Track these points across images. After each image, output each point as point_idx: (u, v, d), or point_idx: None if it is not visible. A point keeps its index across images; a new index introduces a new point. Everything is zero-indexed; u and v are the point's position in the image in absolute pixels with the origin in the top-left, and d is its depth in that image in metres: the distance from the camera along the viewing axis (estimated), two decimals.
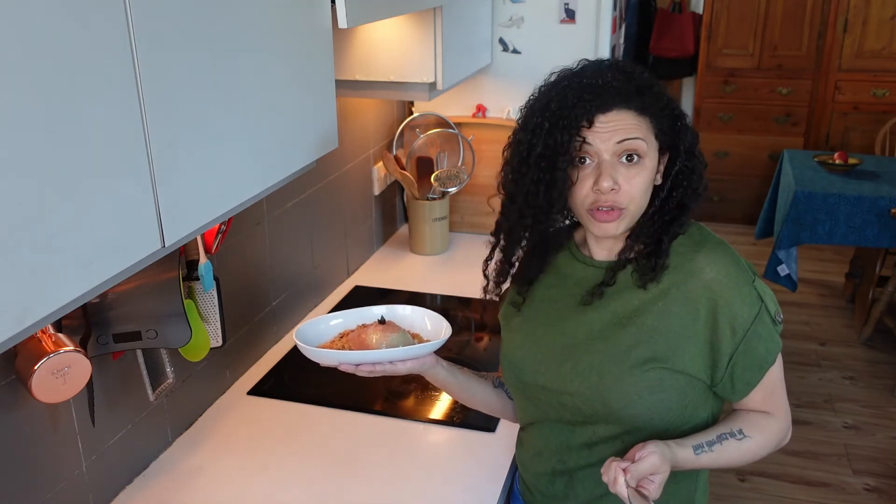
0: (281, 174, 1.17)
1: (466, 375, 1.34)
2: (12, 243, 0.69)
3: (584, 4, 2.37)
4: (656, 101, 1.12)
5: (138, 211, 0.86)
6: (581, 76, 1.12)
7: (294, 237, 1.98)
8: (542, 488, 1.28)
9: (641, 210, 1.14)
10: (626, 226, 1.14)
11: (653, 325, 1.13)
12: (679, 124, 1.15)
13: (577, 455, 1.22)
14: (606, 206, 1.10)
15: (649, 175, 1.12)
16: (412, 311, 1.32)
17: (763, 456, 1.21)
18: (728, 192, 5.11)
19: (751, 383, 1.15)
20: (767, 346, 1.14)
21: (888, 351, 3.64)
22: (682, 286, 1.13)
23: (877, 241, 3.31)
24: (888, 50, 4.58)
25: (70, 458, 1.27)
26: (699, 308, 1.12)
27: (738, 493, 2.76)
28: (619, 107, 1.09)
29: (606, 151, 1.09)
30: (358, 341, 1.21)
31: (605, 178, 1.08)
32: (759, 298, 1.13)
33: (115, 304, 1.27)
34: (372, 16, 1.40)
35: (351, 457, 1.50)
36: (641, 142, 1.09)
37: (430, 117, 2.51)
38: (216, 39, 0.97)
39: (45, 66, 0.71)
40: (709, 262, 1.13)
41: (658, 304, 1.14)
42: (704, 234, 1.19)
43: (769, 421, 1.19)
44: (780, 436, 1.22)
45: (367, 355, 1.18)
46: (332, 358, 1.18)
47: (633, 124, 1.09)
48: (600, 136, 1.09)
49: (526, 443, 1.31)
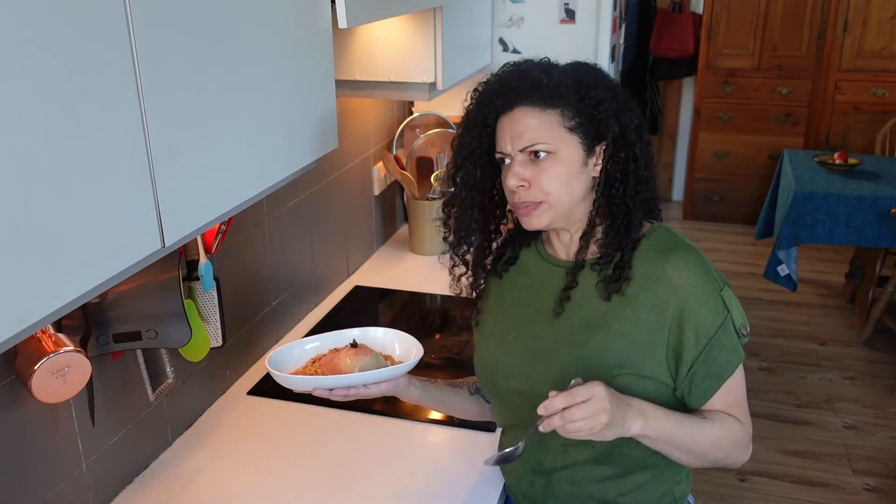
0: (281, 174, 1.17)
1: (440, 389, 1.34)
2: (12, 243, 0.69)
3: (584, 4, 2.37)
4: (556, 93, 1.12)
5: (138, 211, 0.86)
6: (489, 81, 1.19)
7: (294, 237, 1.98)
8: (523, 489, 1.29)
9: (572, 201, 1.15)
10: (552, 217, 1.16)
11: (621, 330, 1.14)
12: (598, 112, 1.13)
13: (553, 457, 1.22)
14: (522, 203, 1.15)
15: (566, 166, 1.13)
16: (384, 332, 1.32)
17: (722, 455, 1.16)
18: (728, 192, 5.11)
19: (707, 392, 1.15)
20: (729, 356, 1.13)
21: (888, 351, 3.64)
22: (650, 293, 1.14)
23: (877, 241, 3.31)
24: (888, 50, 4.58)
25: (70, 458, 1.27)
26: (666, 314, 1.12)
27: (738, 493, 2.76)
28: (520, 105, 1.13)
29: (514, 151, 1.14)
30: (330, 366, 1.21)
31: (510, 176, 1.14)
32: (726, 308, 1.13)
33: (115, 304, 1.27)
34: (372, 16, 1.40)
35: (351, 457, 1.50)
36: (542, 144, 1.12)
37: (430, 117, 2.51)
38: (216, 39, 0.97)
39: (44, 65, 0.71)
40: (677, 269, 1.13)
41: (626, 310, 1.14)
42: (674, 239, 1.18)
43: (734, 422, 1.16)
44: (741, 439, 1.17)
45: (341, 380, 1.17)
46: (306, 384, 1.18)
47: (534, 123, 1.12)
48: (506, 140, 1.14)
49: (506, 445, 1.32)
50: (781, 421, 3.16)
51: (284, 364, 1.25)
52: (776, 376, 3.47)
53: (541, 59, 1.20)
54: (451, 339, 1.90)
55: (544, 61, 1.20)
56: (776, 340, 3.74)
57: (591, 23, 2.39)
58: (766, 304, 4.04)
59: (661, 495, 1.23)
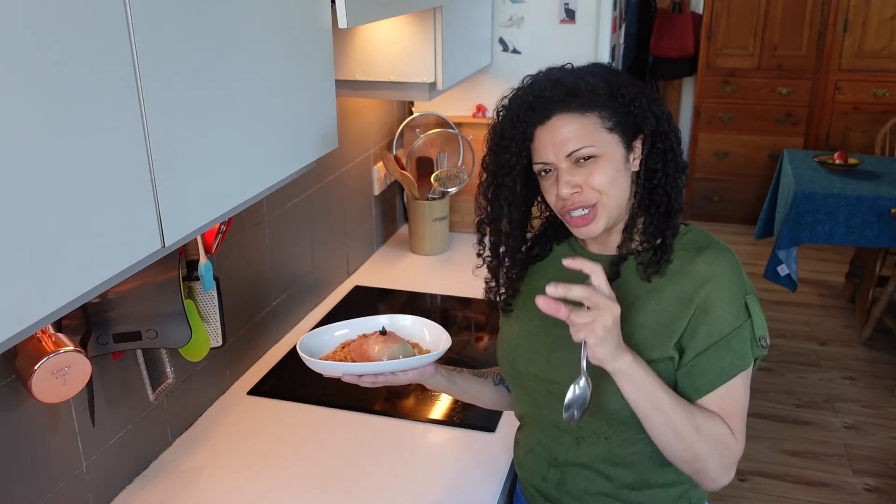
0: (281, 174, 1.17)
1: (465, 378, 1.35)
2: (12, 243, 0.69)
3: (584, 4, 2.37)
4: (593, 96, 1.13)
5: (138, 211, 0.86)
6: (517, 96, 1.18)
7: (294, 237, 1.98)
8: (536, 485, 1.29)
9: (621, 199, 1.16)
10: (607, 220, 1.16)
11: (642, 322, 1.15)
12: (633, 108, 1.15)
13: (567, 451, 1.23)
14: (575, 208, 1.14)
15: (612, 165, 1.13)
16: (412, 321, 1.33)
17: (701, 448, 1.10)
18: (728, 192, 5.11)
19: (700, 391, 1.12)
20: (735, 360, 1.11)
21: (888, 351, 3.64)
22: (677, 286, 1.14)
23: (877, 241, 3.31)
24: (888, 50, 4.58)
25: (70, 458, 1.27)
26: (690, 307, 1.13)
27: (738, 493, 2.76)
28: (557, 113, 1.13)
29: (558, 160, 1.13)
30: (360, 352, 1.22)
31: (563, 185, 1.13)
32: (748, 313, 1.13)
33: (115, 304, 1.27)
34: (372, 16, 1.40)
35: (351, 457, 1.50)
36: (588, 147, 1.12)
37: (430, 117, 2.51)
38: (216, 39, 0.97)
39: (44, 66, 0.71)
40: (708, 264, 1.14)
41: (651, 302, 1.15)
42: (709, 238, 1.20)
43: (726, 427, 1.12)
44: (726, 444, 1.11)
45: (370, 367, 1.19)
46: (337, 369, 1.20)
47: (575, 128, 1.12)
48: (549, 151, 1.13)
49: (521, 441, 1.33)
50: (781, 421, 3.16)
51: (314, 349, 1.26)
52: (776, 376, 3.47)
53: (563, 65, 1.21)
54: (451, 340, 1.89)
55: (570, 67, 1.20)
56: (776, 340, 3.74)
57: (591, 23, 2.39)
58: (766, 304, 4.03)
59: (676, 497, 1.23)
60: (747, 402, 1.16)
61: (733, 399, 1.13)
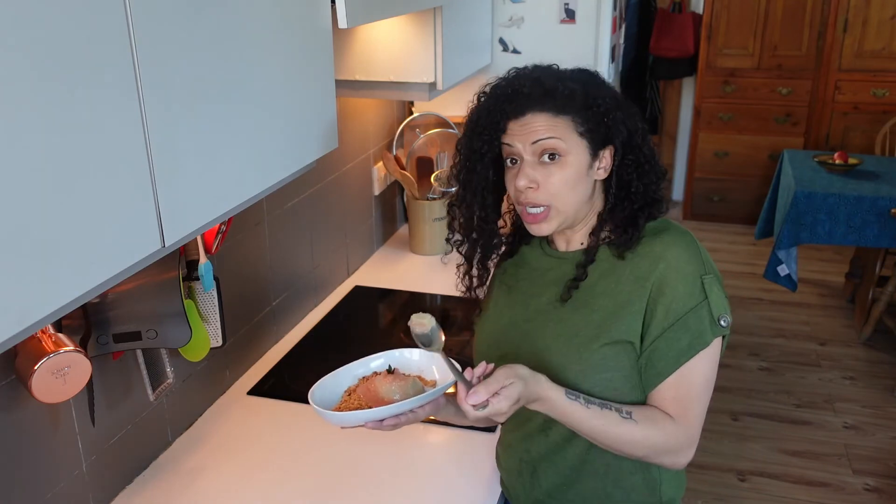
0: (281, 174, 1.17)
1: None
2: (12, 243, 0.69)
3: (584, 4, 2.37)
4: (569, 101, 1.15)
5: (138, 211, 0.86)
6: (499, 86, 1.21)
7: (294, 237, 1.98)
8: (513, 482, 1.32)
9: (577, 204, 1.18)
10: (559, 223, 1.19)
11: (603, 304, 1.17)
12: (608, 119, 1.17)
13: (538, 443, 1.25)
14: (529, 204, 1.17)
15: (574, 169, 1.16)
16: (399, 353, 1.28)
17: (642, 454, 1.14)
18: (728, 192, 5.11)
19: (662, 373, 1.13)
20: (692, 340, 1.12)
21: (888, 351, 3.64)
22: (634, 267, 1.17)
23: (877, 241, 3.31)
24: (888, 50, 4.58)
25: (70, 458, 1.27)
26: (647, 285, 1.15)
27: (738, 493, 2.76)
28: (532, 111, 1.16)
29: (525, 152, 1.16)
30: (371, 395, 1.17)
31: (521, 177, 1.16)
32: (704, 293, 1.13)
33: (115, 304, 1.27)
34: (372, 16, 1.40)
35: (350, 457, 1.50)
36: (556, 140, 1.14)
37: (430, 117, 2.51)
38: (216, 39, 0.97)
39: (44, 65, 0.71)
40: (664, 245, 1.17)
41: (611, 285, 1.18)
42: (668, 223, 1.22)
43: (668, 423, 1.13)
44: (672, 442, 1.14)
45: (393, 409, 1.11)
46: (358, 419, 1.13)
47: (547, 125, 1.15)
48: (518, 139, 1.16)
49: (502, 439, 1.37)
50: (781, 421, 3.16)
51: (323, 402, 1.18)
52: (776, 376, 3.47)
53: (549, 65, 1.23)
54: (451, 340, 1.90)
55: (554, 68, 1.22)
56: (776, 340, 3.74)
57: (591, 23, 2.39)
58: (766, 304, 4.02)
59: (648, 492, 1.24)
60: (711, 385, 1.16)
61: (691, 382, 1.14)
